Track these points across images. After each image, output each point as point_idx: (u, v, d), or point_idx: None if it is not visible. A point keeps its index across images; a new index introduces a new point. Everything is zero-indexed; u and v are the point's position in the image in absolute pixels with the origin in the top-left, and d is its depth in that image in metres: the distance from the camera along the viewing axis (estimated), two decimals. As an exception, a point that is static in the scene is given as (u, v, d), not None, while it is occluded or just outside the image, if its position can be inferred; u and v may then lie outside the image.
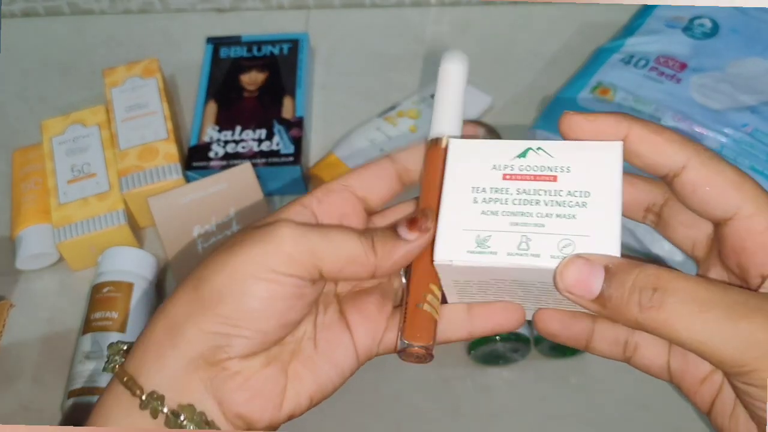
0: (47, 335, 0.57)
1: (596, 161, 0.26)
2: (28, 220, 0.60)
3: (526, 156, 0.27)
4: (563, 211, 0.26)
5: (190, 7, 0.77)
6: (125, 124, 0.62)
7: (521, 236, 0.26)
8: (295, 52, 0.68)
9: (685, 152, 0.26)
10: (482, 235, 0.26)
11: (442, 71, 0.32)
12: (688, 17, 0.62)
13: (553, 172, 0.27)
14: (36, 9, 0.78)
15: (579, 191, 0.26)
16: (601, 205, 0.26)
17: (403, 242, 0.28)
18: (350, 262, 0.28)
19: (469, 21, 0.75)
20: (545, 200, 0.26)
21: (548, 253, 0.25)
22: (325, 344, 0.30)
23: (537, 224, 0.26)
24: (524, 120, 0.66)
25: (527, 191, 0.26)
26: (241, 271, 0.27)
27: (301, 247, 0.27)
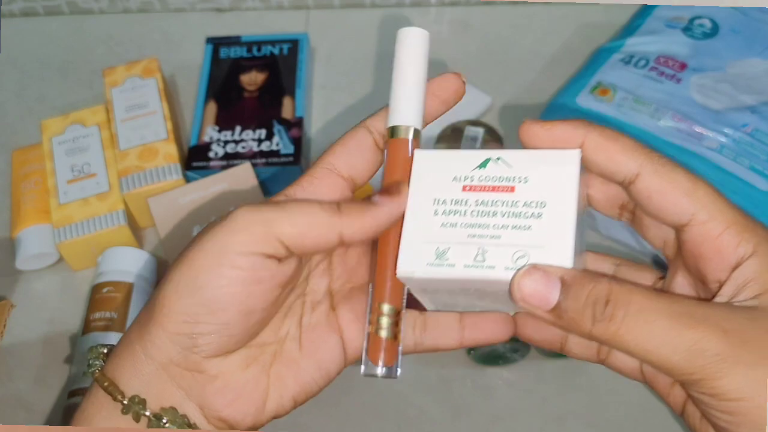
0: (47, 335, 0.57)
1: (554, 171, 0.26)
2: (27, 220, 0.60)
3: (486, 167, 0.27)
4: (519, 222, 0.26)
5: (190, 6, 0.77)
6: (125, 124, 0.62)
7: (478, 248, 0.26)
8: (295, 52, 0.68)
9: (637, 160, 0.27)
10: (441, 248, 0.26)
11: (398, 50, 0.30)
12: (688, 17, 0.62)
13: (511, 182, 0.27)
14: (35, 9, 0.78)
15: (535, 202, 0.26)
16: (556, 215, 0.26)
17: (372, 204, 0.27)
18: (310, 226, 0.26)
19: (469, 21, 0.75)
20: (502, 211, 0.26)
21: (503, 265, 0.25)
22: (311, 345, 0.30)
23: (493, 236, 0.26)
24: (524, 119, 0.66)
25: (485, 203, 0.26)
26: (195, 264, 0.26)
27: (255, 221, 0.26)
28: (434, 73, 0.65)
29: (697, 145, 0.53)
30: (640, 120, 0.55)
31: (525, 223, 0.26)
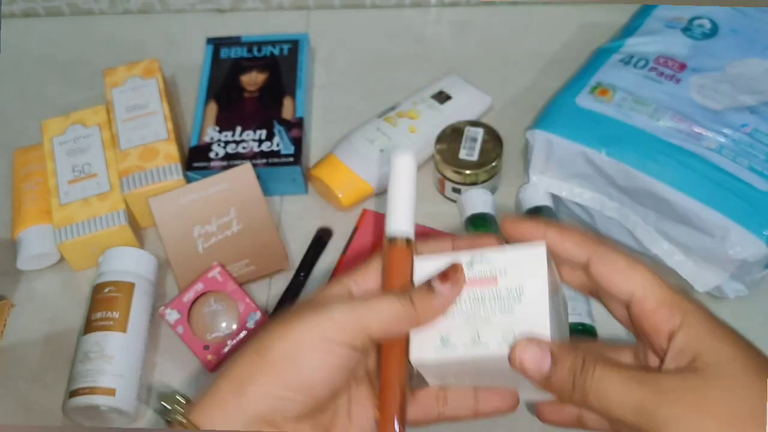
0: (48, 335, 0.58)
1: (526, 261, 0.32)
2: (29, 221, 0.60)
3: (473, 266, 0.33)
4: (504, 306, 0.32)
5: (190, 7, 0.78)
6: (126, 125, 0.63)
7: (474, 331, 0.32)
8: (296, 53, 0.69)
9: (587, 250, 0.33)
10: (444, 335, 0.32)
11: (393, 169, 0.36)
12: (688, 18, 0.62)
13: (494, 275, 0.33)
14: (36, 9, 0.78)
15: (515, 288, 0.32)
16: (532, 297, 0.32)
17: (438, 294, 0.33)
18: (394, 322, 0.32)
19: (469, 21, 0.75)
20: (489, 300, 0.32)
21: (495, 342, 0.31)
22: (357, 415, 0.35)
23: (485, 320, 0.32)
24: (524, 120, 0.66)
25: (475, 295, 0.33)
26: (300, 341, 0.31)
27: (350, 317, 0.32)
28: (434, 74, 0.65)
29: (697, 145, 0.53)
30: (639, 120, 0.55)
31: (508, 307, 0.32)
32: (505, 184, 0.63)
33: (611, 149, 0.54)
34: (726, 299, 0.55)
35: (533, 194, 0.59)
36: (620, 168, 0.54)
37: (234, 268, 0.58)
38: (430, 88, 0.67)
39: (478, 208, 0.58)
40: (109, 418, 0.52)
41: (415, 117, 0.64)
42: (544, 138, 0.57)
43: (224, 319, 0.55)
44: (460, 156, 0.60)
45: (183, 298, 0.55)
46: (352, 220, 0.62)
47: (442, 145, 0.61)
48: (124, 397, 0.51)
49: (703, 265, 0.53)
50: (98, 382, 0.51)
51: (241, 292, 0.55)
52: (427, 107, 0.65)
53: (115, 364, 0.51)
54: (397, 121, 0.64)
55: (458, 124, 0.62)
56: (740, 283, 0.53)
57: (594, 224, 0.59)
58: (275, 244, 0.59)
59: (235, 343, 0.54)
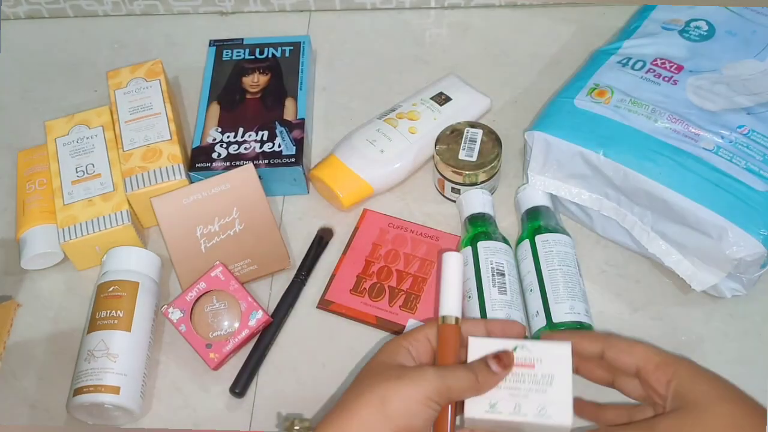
0: (53, 334, 0.58)
1: (557, 355, 0.43)
2: (33, 221, 0.60)
3: (516, 351, 0.43)
4: (538, 387, 0.42)
5: (193, 9, 0.78)
6: (129, 126, 0.63)
7: (515, 403, 0.42)
8: (297, 55, 0.69)
9: (599, 345, 0.44)
10: (492, 401, 0.42)
11: (446, 264, 0.47)
12: (685, 20, 0.62)
13: (532, 362, 0.43)
14: (40, 11, 0.79)
15: (547, 375, 0.42)
16: (560, 385, 0.42)
17: (494, 373, 0.42)
18: (467, 389, 0.42)
19: (469, 24, 0.76)
20: (527, 380, 0.43)
21: (532, 414, 0.42)
22: None
23: (524, 395, 0.42)
24: (522, 121, 0.67)
25: (517, 374, 0.43)
26: (410, 397, 0.41)
27: (441, 383, 0.41)
28: (434, 74, 0.66)
29: (694, 146, 0.54)
30: (636, 121, 0.56)
31: (542, 388, 0.42)
32: (504, 185, 0.64)
33: (609, 150, 0.55)
34: (723, 299, 0.55)
35: (532, 195, 0.59)
36: (618, 168, 0.54)
37: (236, 268, 0.58)
38: (430, 90, 0.67)
39: (477, 209, 0.58)
40: (113, 416, 0.52)
41: (415, 118, 0.64)
42: (542, 139, 0.58)
43: (226, 318, 0.55)
44: (459, 157, 0.60)
45: (186, 297, 0.55)
46: (352, 220, 0.62)
47: (442, 145, 0.61)
48: (129, 395, 0.52)
49: (701, 264, 0.54)
50: (103, 380, 0.51)
51: (243, 291, 0.56)
52: (426, 108, 0.65)
53: (120, 362, 0.52)
54: (398, 122, 0.64)
55: (458, 125, 0.63)
56: (737, 282, 0.54)
57: (592, 224, 0.60)
58: (277, 244, 0.59)
59: (237, 342, 0.54)
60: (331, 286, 0.58)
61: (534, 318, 0.53)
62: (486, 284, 0.53)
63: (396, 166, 0.63)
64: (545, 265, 0.54)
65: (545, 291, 0.53)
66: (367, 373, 0.43)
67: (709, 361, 0.53)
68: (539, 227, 0.56)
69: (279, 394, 0.54)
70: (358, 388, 0.42)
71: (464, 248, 0.56)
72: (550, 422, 0.41)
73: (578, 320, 0.51)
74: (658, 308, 0.56)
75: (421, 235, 0.60)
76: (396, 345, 0.44)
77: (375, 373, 0.42)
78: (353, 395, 0.41)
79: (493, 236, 0.56)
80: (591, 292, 0.56)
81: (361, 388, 0.41)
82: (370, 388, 0.41)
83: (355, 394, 0.41)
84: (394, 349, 0.44)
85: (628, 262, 0.59)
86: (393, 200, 0.64)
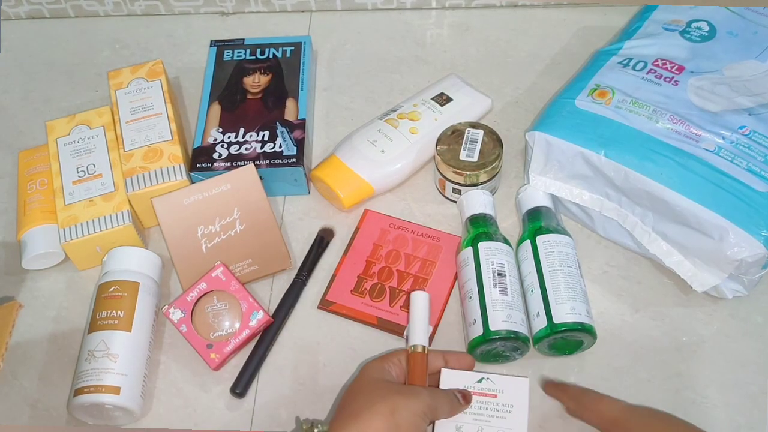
0: (53, 334, 0.58)
1: (517, 388, 0.50)
2: (34, 221, 0.60)
3: (481, 382, 0.50)
4: (499, 414, 0.49)
5: (194, 10, 0.78)
6: (130, 126, 0.63)
7: (478, 426, 0.49)
8: (298, 55, 0.69)
9: (573, 401, 0.51)
10: (458, 425, 0.49)
11: (414, 301, 0.54)
12: (686, 20, 0.62)
13: (495, 392, 0.50)
14: (41, 11, 0.79)
15: (507, 404, 0.49)
16: (518, 413, 0.49)
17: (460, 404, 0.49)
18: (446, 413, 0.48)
19: (469, 24, 0.76)
20: (490, 408, 0.49)
21: None
22: None
23: (485, 421, 0.49)
24: (523, 122, 0.67)
25: (481, 401, 0.49)
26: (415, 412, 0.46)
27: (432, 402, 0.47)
28: (434, 75, 0.66)
29: (695, 146, 0.54)
30: (637, 122, 0.56)
31: (502, 415, 0.49)
32: (505, 185, 0.64)
33: (610, 151, 0.55)
34: (724, 299, 0.55)
35: (533, 195, 0.59)
36: (619, 169, 0.54)
37: (237, 268, 0.58)
38: (431, 90, 0.67)
39: (478, 209, 0.58)
40: (113, 416, 0.52)
41: (416, 119, 0.64)
42: (543, 139, 0.58)
43: (227, 318, 0.55)
44: (460, 157, 0.60)
45: (187, 297, 0.55)
46: (353, 220, 0.62)
47: (443, 146, 0.61)
48: (129, 395, 0.52)
49: (702, 265, 0.54)
50: (103, 381, 0.51)
51: (244, 291, 0.56)
52: (427, 109, 0.65)
53: (120, 362, 0.52)
54: (398, 122, 0.64)
55: (459, 125, 0.63)
56: (738, 283, 0.54)
57: (593, 225, 0.60)
58: (278, 244, 0.59)
59: (238, 342, 0.54)
60: (332, 286, 0.58)
61: (535, 319, 0.53)
62: (487, 285, 0.53)
63: (397, 167, 0.63)
64: (546, 265, 0.54)
65: (546, 292, 0.53)
66: (370, 386, 0.48)
67: (709, 362, 0.54)
68: (540, 228, 0.56)
69: (280, 394, 0.54)
70: (370, 399, 0.46)
71: (465, 249, 0.56)
72: None
73: (579, 321, 0.51)
74: (659, 309, 0.56)
75: (422, 235, 0.60)
76: (381, 365, 0.50)
77: (379, 387, 0.48)
78: (366, 404, 0.46)
79: (494, 237, 0.56)
80: (592, 292, 0.56)
81: (372, 399, 0.46)
82: (383, 399, 0.46)
83: (367, 404, 0.46)
84: (380, 368, 0.50)
85: (630, 262, 0.59)
86: (394, 201, 0.64)
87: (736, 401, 0.52)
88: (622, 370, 0.54)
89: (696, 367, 0.53)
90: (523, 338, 0.52)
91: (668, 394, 0.52)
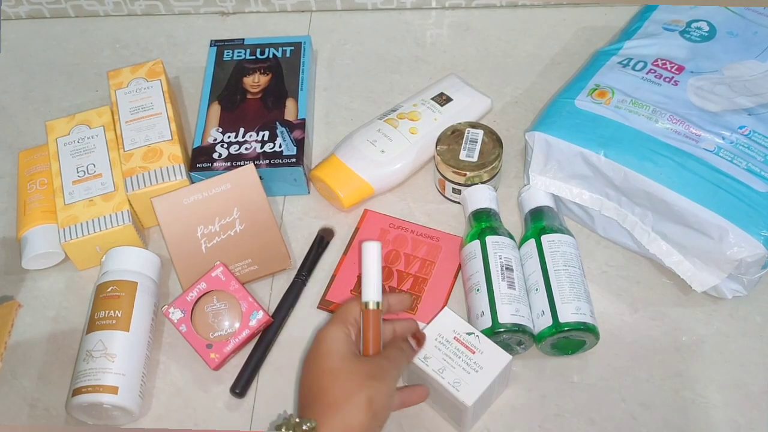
0: (53, 334, 0.58)
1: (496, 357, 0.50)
2: (33, 220, 0.60)
3: (470, 336, 0.51)
4: (466, 367, 0.49)
5: (194, 10, 0.78)
6: (130, 126, 0.63)
7: (441, 366, 0.49)
8: (298, 55, 0.69)
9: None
10: (427, 355, 0.50)
11: (365, 252, 0.50)
12: (686, 20, 0.62)
13: (475, 349, 0.50)
14: (41, 11, 0.79)
15: (479, 364, 0.49)
16: (483, 376, 0.49)
17: (413, 350, 0.50)
18: (407, 365, 0.50)
19: (469, 24, 0.76)
20: (462, 358, 0.50)
21: (447, 381, 0.49)
22: None
23: (451, 366, 0.49)
24: (523, 122, 0.67)
25: (459, 349, 0.50)
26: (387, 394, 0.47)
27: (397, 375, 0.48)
28: (434, 75, 0.66)
29: (695, 146, 0.54)
30: (637, 122, 0.56)
31: (468, 371, 0.49)
32: (505, 185, 0.63)
33: (609, 151, 0.55)
34: (724, 299, 0.55)
35: (536, 195, 0.59)
36: (618, 169, 0.54)
37: (237, 268, 0.58)
38: (431, 90, 0.67)
39: (482, 204, 0.58)
40: (112, 416, 0.52)
41: (416, 118, 0.64)
42: (543, 139, 0.58)
43: (227, 318, 0.55)
44: (460, 157, 0.60)
45: (186, 297, 0.55)
46: (353, 220, 0.62)
47: (443, 146, 0.61)
48: (127, 395, 0.52)
49: (701, 265, 0.54)
50: (101, 381, 0.51)
51: (243, 291, 0.56)
52: (427, 109, 0.65)
53: (118, 362, 0.52)
54: (398, 122, 0.64)
55: (458, 125, 0.63)
56: (738, 283, 0.54)
57: (593, 225, 0.60)
58: (277, 244, 0.59)
59: (237, 342, 0.54)
60: (332, 286, 0.58)
61: (539, 318, 0.53)
62: (495, 278, 0.53)
63: (397, 167, 0.63)
64: (551, 265, 0.54)
65: (551, 291, 0.53)
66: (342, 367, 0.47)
67: (709, 361, 0.54)
68: (544, 227, 0.56)
69: (279, 394, 0.54)
70: (347, 387, 0.46)
71: (471, 242, 0.56)
72: (456, 395, 0.48)
73: (584, 321, 0.51)
74: (658, 309, 0.56)
75: (421, 235, 0.60)
76: (344, 334, 0.49)
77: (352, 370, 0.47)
78: (343, 394, 0.45)
79: (500, 231, 0.56)
80: (592, 292, 0.56)
81: (350, 388, 0.46)
82: (359, 388, 0.46)
83: (345, 394, 0.46)
84: (345, 338, 0.49)
85: (629, 262, 0.59)
86: (394, 201, 0.64)
87: (736, 401, 0.52)
88: (622, 370, 0.54)
89: (695, 367, 0.53)
90: (529, 332, 0.52)
91: (668, 394, 0.52)
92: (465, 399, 0.48)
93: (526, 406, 0.52)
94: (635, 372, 0.53)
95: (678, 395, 0.52)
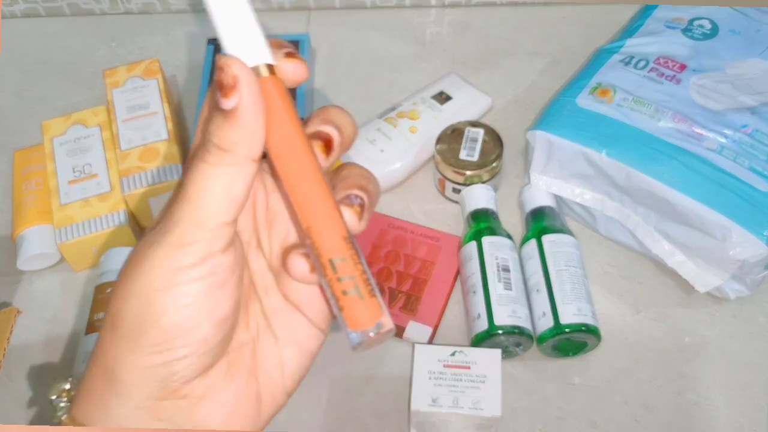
0: (50, 336, 0.57)
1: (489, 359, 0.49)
2: (29, 221, 0.60)
3: (455, 355, 0.50)
4: (473, 385, 0.49)
5: (191, 8, 0.78)
6: (126, 125, 0.63)
7: (453, 399, 0.48)
8: (296, 53, 0.69)
9: None
10: (434, 397, 0.48)
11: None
12: (688, 18, 0.62)
13: (468, 364, 0.49)
14: (37, 10, 0.78)
15: (481, 375, 0.49)
16: (491, 383, 0.49)
17: (234, 113, 0.25)
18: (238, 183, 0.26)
19: (469, 22, 0.75)
20: (464, 379, 0.49)
21: (467, 407, 0.48)
22: (283, 331, 0.29)
23: (461, 392, 0.48)
24: (524, 120, 0.66)
25: (455, 374, 0.49)
26: (147, 289, 0.25)
27: (186, 227, 0.25)
28: (434, 75, 0.65)
29: (697, 145, 0.53)
30: (639, 120, 0.55)
31: (476, 386, 0.48)
32: (506, 185, 0.63)
33: (611, 150, 0.54)
34: (727, 300, 0.55)
35: (537, 195, 0.59)
36: (620, 168, 0.54)
37: (234, 269, 0.58)
38: (431, 89, 0.67)
39: (480, 204, 0.58)
40: (109, 419, 0.52)
41: (416, 117, 0.64)
42: (544, 138, 0.57)
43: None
44: (460, 156, 0.60)
45: (183, 299, 0.55)
46: (352, 220, 0.62)
47: (443, 145, 0.61)
48: (125, 397, 0.51)
49: (704, 265, 0.53)
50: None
51: (241, 292, 0.55)
52: (427, 108, 0.65)
53: (116, 364, 0.52)
54: (398, 121, 0.64)
55: (458, 124, 0.62)
56: (741, 283, 0.53)
57: (595, 225, 0.59)
58: (276, 245, 0.59)
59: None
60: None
61: (540, 319, 0.52)
62: (491, 279, 0.53)
63: (396, 166, 0.62)
64: (553, 265, 0.53)
65: (552, 292, 0.52)
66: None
67: (712, 363, 0.53)
68: (545, 227, 0.56)
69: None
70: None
71: (468, 243, 0.55)
72: (483, 414, 0.47)
73: (585, 322, 0.51)
74: (661, 309, 0.56)
75: (421, 236, 0.60)
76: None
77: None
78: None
79: (498, 232, 0.56)
80: (594, 293, 0.55)
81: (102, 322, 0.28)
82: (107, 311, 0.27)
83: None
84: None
85: (631, 262, 0.58)
86: (393, 200, 0.63)
87: (740, 403, 0.51)
88: (624, 372, 0.53)
89: (698, 369, 0.53)
90: (527, 334, 0.51)
91: (670, 396, 0.52)
92: (493, 413, 0.47)
93: (527, 408, 0.52)
94: (637, 373, 0.53)
95: (681, 397, 0.52)
